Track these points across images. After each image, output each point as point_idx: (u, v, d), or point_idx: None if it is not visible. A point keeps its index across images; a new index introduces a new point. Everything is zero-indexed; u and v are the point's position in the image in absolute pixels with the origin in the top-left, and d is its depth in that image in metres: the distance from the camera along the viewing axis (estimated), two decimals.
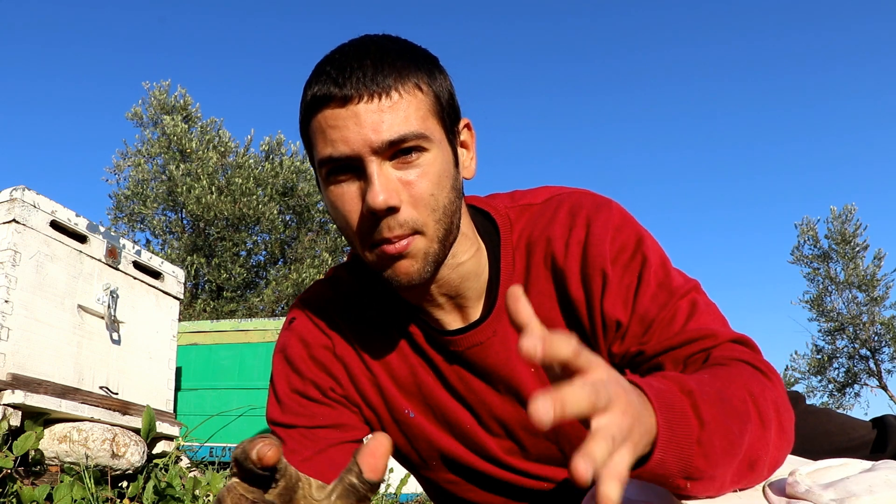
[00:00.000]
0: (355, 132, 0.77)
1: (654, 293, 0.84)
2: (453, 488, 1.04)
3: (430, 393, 0.95)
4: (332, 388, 0.96)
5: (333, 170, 0.80)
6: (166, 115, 11.11)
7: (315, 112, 0.80)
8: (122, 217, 11.21)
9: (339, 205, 0.81)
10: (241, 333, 3.74)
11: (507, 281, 0.90)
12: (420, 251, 0.81)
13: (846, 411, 14.69)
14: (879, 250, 14.05)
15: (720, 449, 0.62)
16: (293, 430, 0.95)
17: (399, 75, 0.78)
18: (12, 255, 2.09)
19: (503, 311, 0.89)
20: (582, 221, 0.88)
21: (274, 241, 11.36)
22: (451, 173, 0.83)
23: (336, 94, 0.77)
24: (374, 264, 0.83)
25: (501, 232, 0.92)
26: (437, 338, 0.92)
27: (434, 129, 0.81)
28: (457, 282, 0.89)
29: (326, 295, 0.99)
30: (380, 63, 0.78)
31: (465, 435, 0.97)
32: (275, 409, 0.97)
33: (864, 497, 0.67)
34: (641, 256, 0.86)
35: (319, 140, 0.80)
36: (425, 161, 0.80)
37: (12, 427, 1.99)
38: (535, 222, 0.92)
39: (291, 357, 0.97)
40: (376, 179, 0.77)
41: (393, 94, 0.77)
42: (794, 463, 0.80)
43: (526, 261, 0.91)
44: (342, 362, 0.97)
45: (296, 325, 0.98)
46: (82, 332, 2.33)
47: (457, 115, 0.86)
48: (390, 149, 0.77)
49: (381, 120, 0.76)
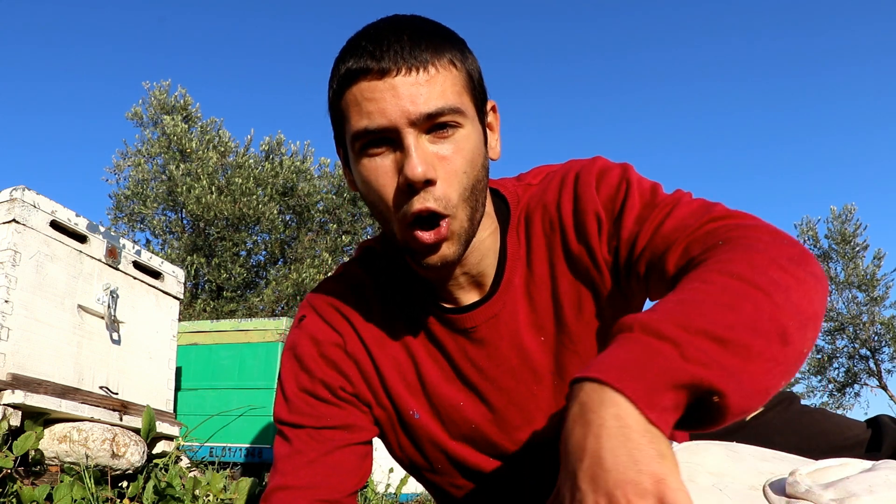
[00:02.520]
0: (393, 104, 0.76)
1: (639, 213, 0.84)
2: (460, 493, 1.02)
3: (436, 390, 0.94)
4: (343, 388, 0.95)
5: (368, 143, 0.79)
6: (166, 115, 11.11)
7: (350, 84, 0.79)
8: (122, 217, 11.20)
9: (373, 178, 0.80)
10: (241, 333, 3.74)
11: (514, 253, 0.90)
12: (454, 233, 0.81)
13: (846, 411, 14.71)
14: (879, 250, 14.04)
15: (715, 349, 0.57)
16: (300, 430, 0.93)
17: (435, 50, 0.78)
18: (12, 255, 2.09)
19: (510, 283, 0.90)
20: (570, 180, 0.90)
21: (274, 241, 11.35)
22: (482, 151, 0.84)
23: (373, 67, 0.77)
24: (407, 245, 0.82)
25: (511, 208, 0.93)
26: (449, 319, 0.92)
27: (468, 105, 0.81)
28: (478, 259, 0.89)
29: (337, 291, 0.98)
30: (417, 38, 0.78)
31: (471, 434, 0.96)
32: (282, 409, 0.95)
33: (864, 497, 0.66)
34: (625, 186, 0.86)
35: (354, 113, 0.79)
36: (460, 136, 0.80)
37: (12, 427, 1.99)
38: (533, 196, 0.93)
39: (301, 355, 0.95)
40: (414, 151, 0.77)
41: (430, 68, 0.77)
42: (795, 463, 0.80)
43: (526, 231, 0.91)
44: (354, 360, 0.95)
45: (306, 322, 0.97)
46: (82, 332, 2.33)
47: (485, 95, 0.86)
48: (427, 121, 0.77)
49: (418, 93, 0.76)
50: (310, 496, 0.90)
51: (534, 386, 0.93)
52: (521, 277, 0.91)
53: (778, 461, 0.82)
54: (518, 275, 0.91)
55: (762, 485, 0.74)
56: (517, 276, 0.91)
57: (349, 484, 0.93)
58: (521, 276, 0.91)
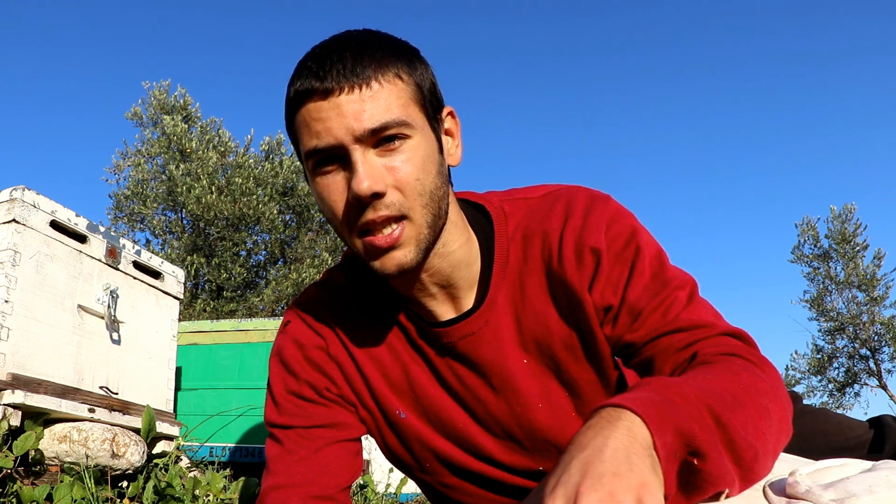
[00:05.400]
0: (338, 122, 0.78)
1: (647, 283, 0.85)
2: (450, 493, 1.03)
3: (423, 391, 0.96)
4: (328, 388, 0.97)
5: (319, 161, 0.81)
6: (166, 115, 11.10)
7: (299, 106, 0.81)
8: (122, 217, 11.20)
9: (325, 195, 0.82)
10: (241, 333, 3.74)
11: (499, 272, 0.91)
12: (411, 238, 0.82)
13: (846, 411, 14.70)
14: (879, 250, 14.04)
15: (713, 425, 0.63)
16: (290, 431, 0.96)
17: (378, 65, 0.79)
18: (12, 255, 2.09)
19: (494, 301, 0.90)
20: (578, 213, 0.89)
21: (274, 241, 11.35)
22: (436, 159, 0.84)
23: (318, 88, 0.79)
24: (363, 253, 0.84)
25: (495, 223, 0.93)
26: (429, 331, 0.93)
27: (416, 116, 0.82)
28: (448, 270, 0.89)
29: (319, 297, 1.00)
30: (359, 55, 0.79)
31: (458, 434, 0.97)
32: (272, 412, 0.98)
33: (865, 497, 0.67)
34: (635, 246, 0.87)
35: (304, 133, 0.81)
36: (408, 147, 0.81)
37: (12, 427, 1.99)
38: (532, 215, 0.92)
39: (286, 359, 0.98)
40: (360, 167, 0.78)
41: (373, 83, 0.79)
42: (795, 463, 0.80)
43: (522, 253, 0.91)
44: (336, 362, 0.97)
45: (290, 328, 0.99)
46: (82, 332, 2.33)
47: (440, 103, 0.87)
48: (373, 137, 0.79)
49: (362, 109, 0.78)
50: (303, 493, 0.92)
51: (515, 406, 0.94)
52: (507, 296, 0.91)
53: (778, 461, 0.82)
54: (503, 293, 0.91)
55: (762, 485, 0.74)
56: (502, 295, 0.91)
57: (341, 480, 0.95)
58: (507, 295, 0.91)
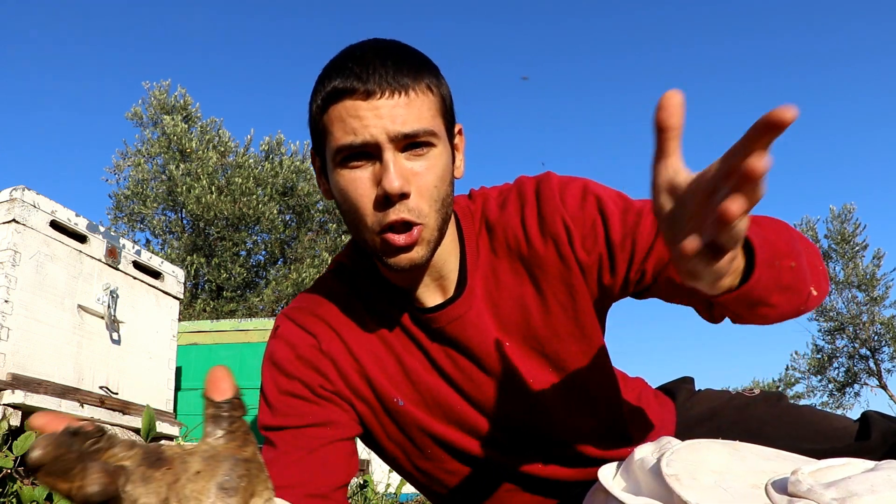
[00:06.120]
0: (375, 122, 0.84)
1: (622, 218, 0.93)
2: (453, 479, 1.04)
3: (418, 377, 0.98)
4: (322, 385, 0.98)
5: (349, 156, 0.86)
6: (166, 115, 11.11)
7: (335, 101, 0.86)
8: (122, 217, 11.21)
9: (350, 188, 0.87)
10: (240, 333, 3.75)
11: (473, 263, 0.98)
12: (424, 239, 0.88)
13: (846, 411, 14.71)
14: (879, 250, 14.07)
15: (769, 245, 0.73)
16: (284, 432, 0.96)
17: (415, 76, 0.86)
18: (12, 255, 2.09)
19: (473, 290, 0.98)
20: (531, 196, 0.97)
21: (274, 241, 11.36)
22: (451, 169, 0.92)
23: (359, 88, 0.84)
24: (378, 248, 0.88)
25: (462, 220, 1.00)
26: (420, 317, 0.98)
27: (440, 127, 0.89)
28: (441, 263, 0.96)
29: (312, 300, 1.03)
30: (400, 63, 0.86)
31: (456, 417, 1.00)
32: (265, 415, 0.99)
33: (866, 496, 0.66)
34: (593, 196, 0.95)
35: (338, 128, 0.86)
36: (433, 155, 0.87)
37: (12, 427, 1.99)
38: (489, 210, 1.00)
39: (278, 360, 0.99)
40: (392, 166, 0.84)
41: (410, 92, 0.85)
42: (796, 462, 0.80)
43: (490, 245, 0.99)
44: (329, 358, 0.98)
45: (280, 331, 1.01)
46: (82, 332, 2.33)
47: (454, 118, 0.94)
48: (404, 140, 0.85)
49: (398, 114, 0.84)
50: (299, 493, 0.92)
51: (505, 386, 0.98)
52: (482, 286, 0.98)
53: (780, 460, 0.82)
54: (479, 283, 0.98)
55: (764, 483, 0.74)
56: (478, 285, 0.98)
57: (336, 479, 0.95)
58: (482, 285, 0.98)
